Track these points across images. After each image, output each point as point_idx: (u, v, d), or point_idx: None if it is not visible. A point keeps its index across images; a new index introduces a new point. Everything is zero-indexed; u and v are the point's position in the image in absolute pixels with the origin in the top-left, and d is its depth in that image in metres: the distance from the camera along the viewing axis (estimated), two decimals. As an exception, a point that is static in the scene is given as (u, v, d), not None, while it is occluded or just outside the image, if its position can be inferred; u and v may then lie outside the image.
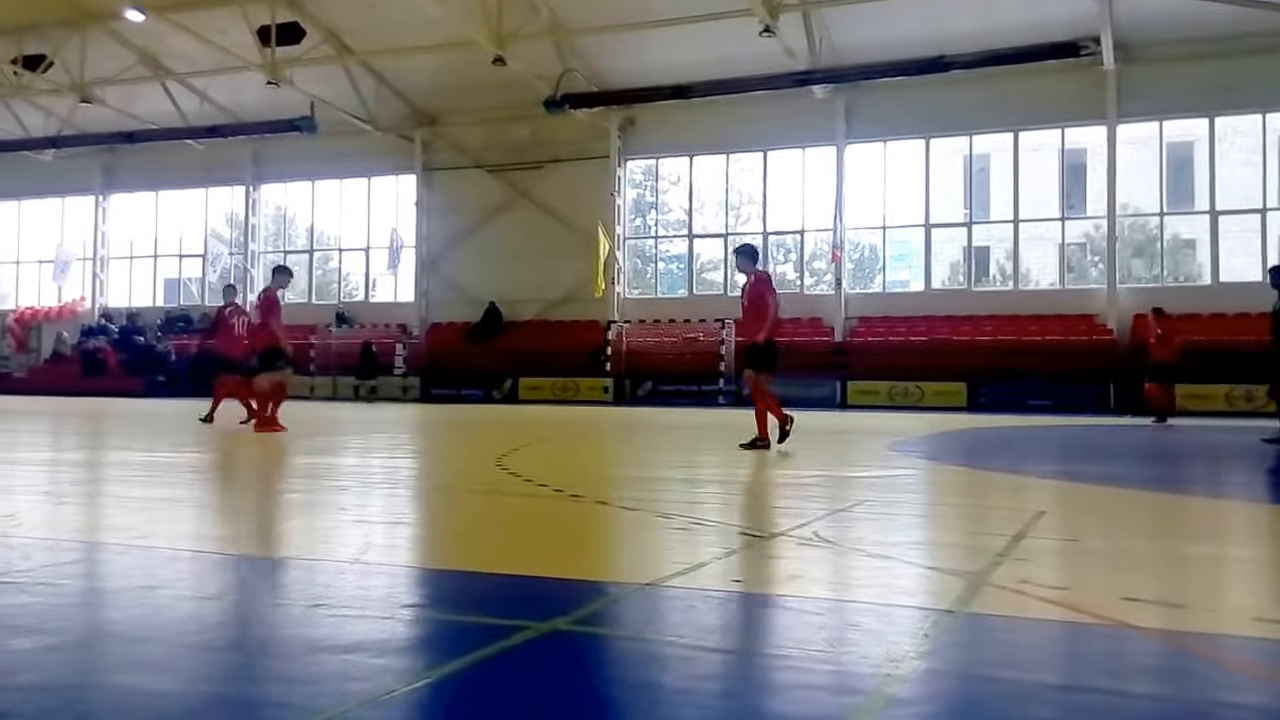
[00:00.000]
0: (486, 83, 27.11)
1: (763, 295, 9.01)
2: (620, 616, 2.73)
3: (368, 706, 1.95)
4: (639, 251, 31.22)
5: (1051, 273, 29.25)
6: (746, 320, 9.35)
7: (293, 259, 35.40)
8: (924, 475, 7.51)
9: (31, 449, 9.59)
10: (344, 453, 9.30)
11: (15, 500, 5.44)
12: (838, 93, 26.72)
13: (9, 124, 34.04)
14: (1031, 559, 3.60)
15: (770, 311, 9.00)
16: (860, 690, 2.05)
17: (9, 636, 2.43)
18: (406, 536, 4.36)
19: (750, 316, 9.18)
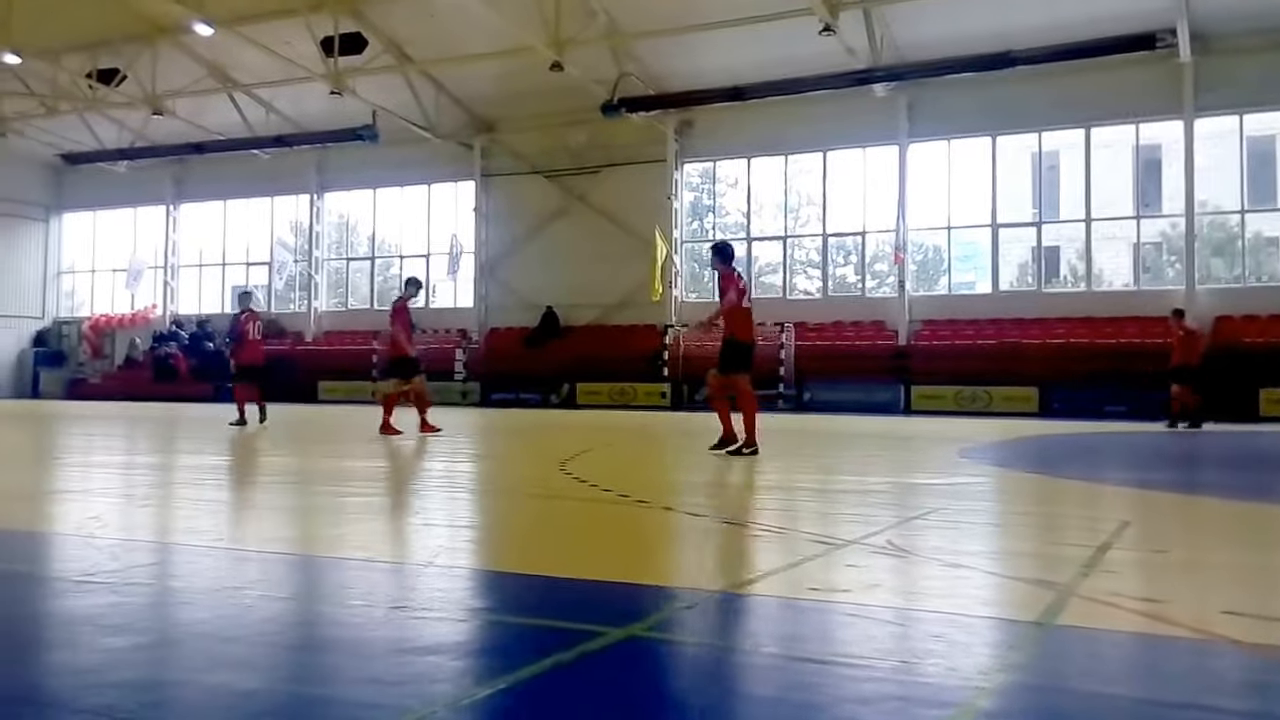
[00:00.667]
0: (544, 89, 27.23)
1: (724, 292, 8.93)
2: (697, 623, 2.70)
3: (453, 709, 1.95)
4: (696, 255, 31.10)
5: (1126, 273, 28.62)
6: None
7: (355, 266, 35.94)
8: (997, 483, 7.37)
9: (108, 453, 9.81)
10: (409, 457, 9.38)
11: (98, 502, 5.55)
12: (900, 90, 26.39)
13: (84, 137, 34.99)
14: (1120, 570, 3.51)
15: (722, 307, 8.93)
16: (950, 703, 2.00)
17: (104, 635, 2.48)
18: (477, 540, 4.38)
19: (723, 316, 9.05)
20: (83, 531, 4.24)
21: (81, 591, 2.97)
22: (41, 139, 35.31)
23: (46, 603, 2.92)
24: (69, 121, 33.99)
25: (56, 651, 2.38)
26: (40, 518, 4.96)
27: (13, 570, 3.46)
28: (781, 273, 29.91)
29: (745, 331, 8.96)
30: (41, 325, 38.97)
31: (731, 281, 8.92)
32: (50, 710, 1.95)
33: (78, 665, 2.23)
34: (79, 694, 2.04)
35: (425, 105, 30.04)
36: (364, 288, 35.61)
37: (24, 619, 2.75)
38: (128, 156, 35.49)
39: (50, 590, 3.10)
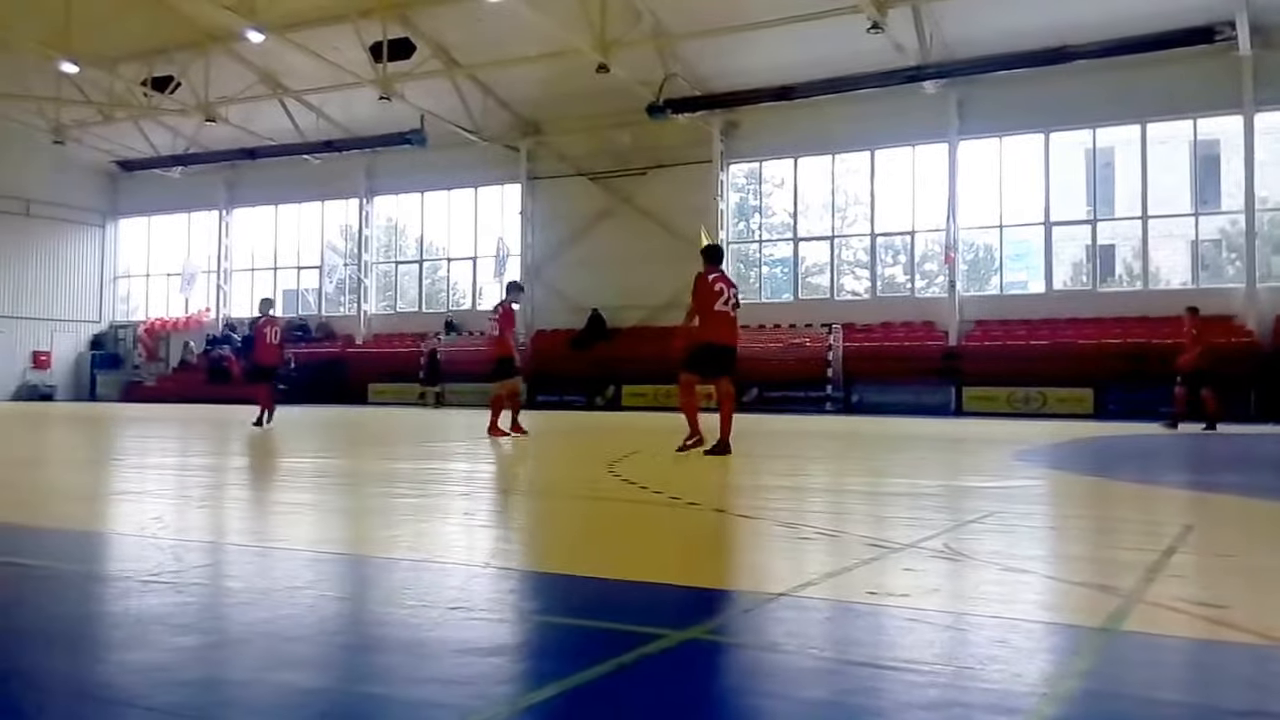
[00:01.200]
0: (589, 91, 27.32)
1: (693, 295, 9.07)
2: (756, 626, 2.69)
3: (517, 710, 1.96)
4: (742, 256, 31.01)
5: (1183, 271, 28.07)
6: None
7: (403, 269, 36.27)
8: (1054, 486, 7.26)
9: (164, 454, 9.98)
10: (458, 458, 9.44)
11: (158, 504, 5.65)
12: (950, 88, 26.12)
13: (139, 143, 35.71)
14: (1184, 575, 3.44)
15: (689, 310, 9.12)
16: (1017, 710, 1.97)
17: (172, 635, 2.52)
18: (531, 542, 4.39)
19: None
20: (145, 532, 4.32)
21: (148, 591, 3.02)
22: (98, 146, 36.12)
23: (115, 602, 2.98)
24: (124, 129, 34.75)
25: (127, 650, 2.42)
26: (103, 518, 5.05)
27: (81, 570, 3.53)
28: (829, 273, 29.74)
29: (718, 334, 9.02)
30: (98, 329, 39.83)
31: (697, 283, 9.08)
32: (122, 708, 1.99)
33: (147, 663, 2.27)
34: (150, 691, 2.07)
35: (472, 109, 30.28)
36: (412, 291, 35.93)
37: (94, 618, 2.80)
38: (181, 162, 36.17)
39: (118, 590, 3.16)
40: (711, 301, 8.97)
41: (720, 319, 9.02)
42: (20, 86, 30.20)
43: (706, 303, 8.97)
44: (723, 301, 9.02)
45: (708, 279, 9.10)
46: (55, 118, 33.71)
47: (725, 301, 9.04)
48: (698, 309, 9.04)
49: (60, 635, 2.57)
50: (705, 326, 9.02)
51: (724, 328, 9.06)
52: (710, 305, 8.97)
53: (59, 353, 38.49)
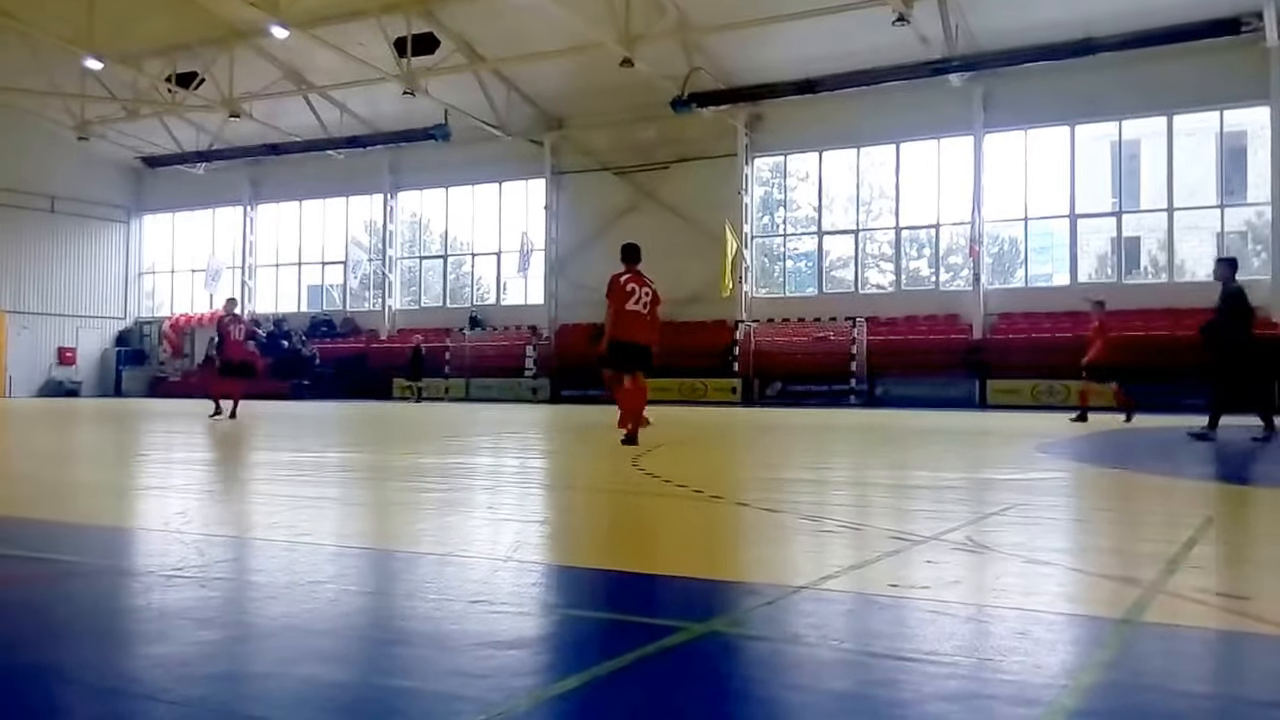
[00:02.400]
0: (613, 85, 27.31)
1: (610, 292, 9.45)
2: (777, 619, 2.69)
3: (538, 702, 1.97)
4: (767, 250, 30.93)
5: (1208, 264, 27.74)
6: None
7: (428, 264, 36.41)
8: (1077, 478, 7.22)
9: (189, 449, 10.07)
10: (482, 452, 9.49)
11: (182, 498, 5.71)
12: (975, 80, 25.95)
13: (164, 139, 35.97)
14: (1206, 567, 3.42)
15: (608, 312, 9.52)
16: (1038, 701, 1.97)
17: (196, 629, 2.55)
18: (553, 535, 4.41)
19: None
20: (170, 527, 4.36)
21: (172, 585, 3.06)
22: (122, 142, 36.41)
23: (140, 596, 3.01)
24: (149, 125, 35.01)
25: (152, 644, 2.45)
26: (129, 513, 5.11)
27: (106, 565, 3.58)
28: (853, 266, 29.63)
29: (630, 332, 9.40)
30: (123, 325, 40.16)
31: (614, 284, 9.48)
32: (148, 701, 2.01)
33: (172, 657, 2.29)
34: (175, 685, 2.10)
35: (496, 104, 30.33)
36: (436, 286, 36.07)
37: (119, 612, 2.84)
38: (206, 158, 36.40)
39: (143, 584, 3.19)
40: (624, 301, 9.37)
41: (632, 317, 9.39)
42: (45, 83, 30.44)
43: (619, 302, 9.38)
44: (634, 301, 9.39)
45: (620, 279, 9.52)
46: (80, 114, 33.95)
47: (637, 301, 9.40)
48: (612, 308, 9.42)
49: (86, 629, 2.60)
50: (618, 325, 9.41)
51: (636, 326, 9.43)
52: (623, 304, 9.37)
53: (84, 349, 38.84)
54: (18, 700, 2.02)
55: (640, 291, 9.44)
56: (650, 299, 9.51)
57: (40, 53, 28.90)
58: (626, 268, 9.64)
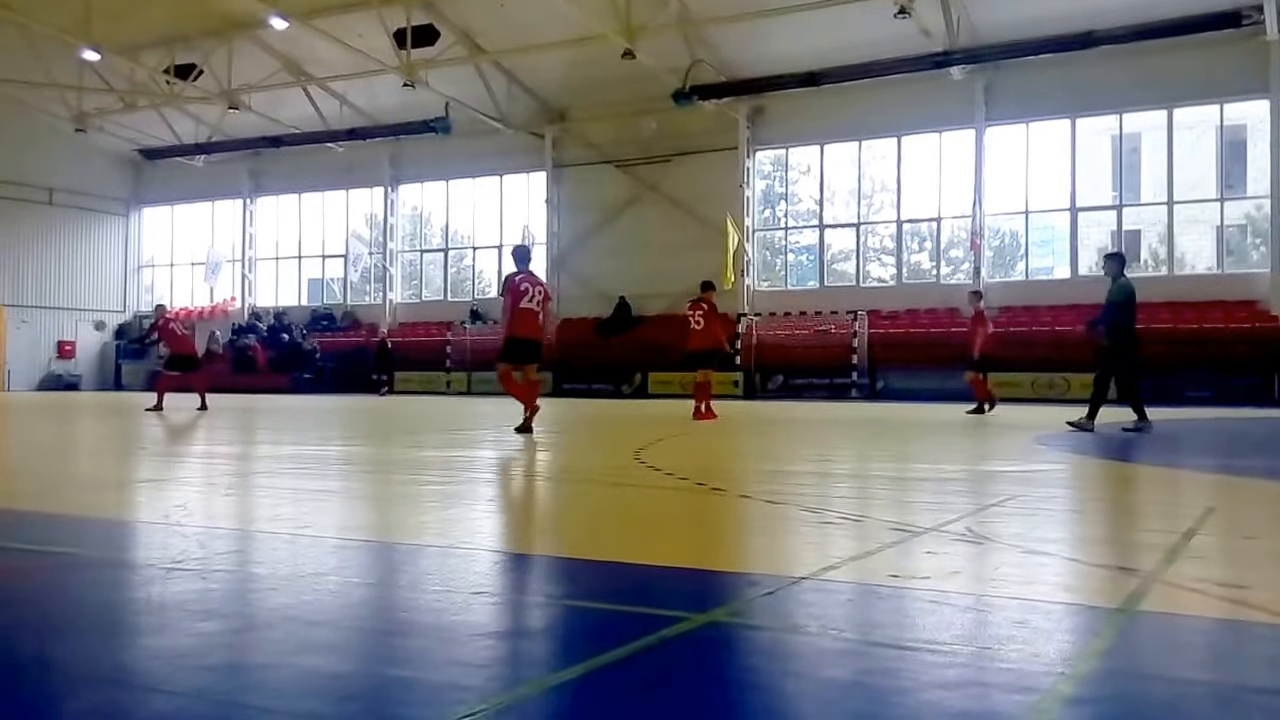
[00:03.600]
0: (615, 77, 27.28)
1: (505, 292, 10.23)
2: (777, 609, 2.70)
3: (540, 692, 1.98)
4: (768, 243, 30.92)
5: (1208, 257, 27.83)
6: None
7: (429, 258, 36.41)
8: (1077, 470, 7.23)
9: (189, 443, 10.08)
10: (485, 445, 9.50)
11: (182, 491, 5.72)
12: (977, 73, 25.93)
13: (163, 132, 35.88)
14: (1207, 556, 3.43)
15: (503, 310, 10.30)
16: (1035, 689, 1.98)
17: (196, 620, 2.56)
18: (556, 527, 4.42)
19: None
20: (169, 519, 4.36)
21: (171, 578, 3.06)
22: (121, 134, 36.32)
23: (139, 589, 3.02)
24: (147, 117, 34.92)
25: (151, 636, 2.46)
26: (129, 506, 5.12)
27: (106, 557, 3.59)
28: (854, 260, 29.62)
29: (523, 329, 10.12)
30: (123, 318, 40.10)
31: (510, 285, 10.20)
32: (148, 692, 2.02)
33: (172, 649, 2.30)
34: (174, 676, 2.10)
35: (497, 96, 30.29)
36: (437, 279, 36.07)
37: (119, 604, 2.85)
38: (205, 151, 36.35)
39: (142, 576, 3.20)
40: (519, 300, 10.08)
41: (525, 315, 10.10)
42: (43, 74, 30.34)
43: (515, 301, 10.10)
44: (528, 299, 10.09)
45: (515, 280, 10.24)
46: (78, 106, 33.89)
47: (530, 299, 10.11)
48: (508, 307, 10.16)
49: (86, 622, 2.61)
50: (513, 322, 10.12)
51: (528, 323, 10.15)
52: (518, 303, 10.08)
53: (83, 343, 38.83)
54: (19, 692, 2.03)
55: (534, 290, 10.15)
56: (542, 297, 10.24)
57: (37, 44, 28.84)
58: (519, 269, 10.40)
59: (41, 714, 1.93)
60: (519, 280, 10.19)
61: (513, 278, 10.28)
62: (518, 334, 10.12)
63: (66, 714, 1.94)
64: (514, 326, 10.12)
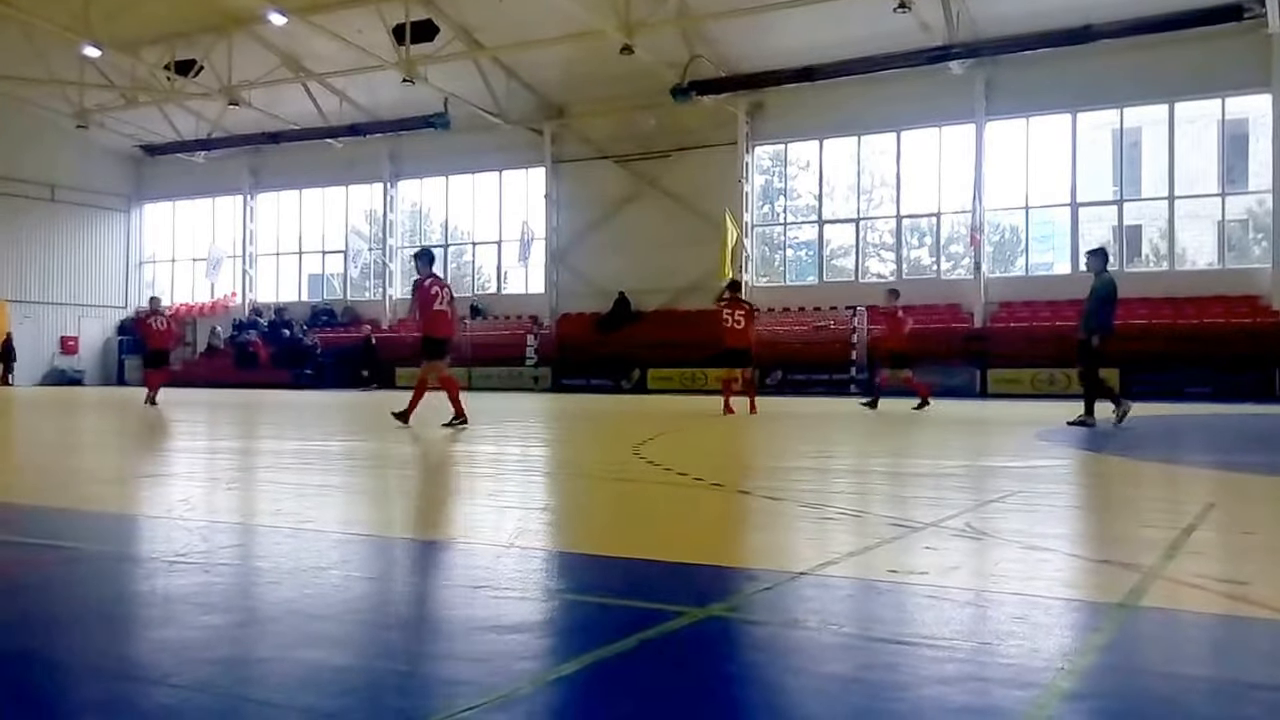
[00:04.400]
0: (614, 73, 27.22)
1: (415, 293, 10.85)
2: (777, 604, 2.71)
3: (540, 686, 1.99)
4: (767, 239, 30.88)
5: (1209, 252, 27.78)
6: None
7: (429, 252, 36.30)
8: (1077, 466, 7.24)
9: (191, 438, 10.10)
10: (484, 441, 9.51)
11: (185, 486, 5.73)
12: (977, 68, 25.86)
13: (163, 128, 35.85)
14: (1206, 552, 3.44)
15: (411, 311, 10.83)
16: (1035, 684, 1.99)
17: (200, 614, 2.57)
18: (555, 522, 4.43)
19: None
20: (173, 514, 4.38)
21: (175, 571, 3.08)
22: (122, 131, 36.29)
23: (144, 582, 3.04)
24: (148, 113, 34.90)
25: (156, 628, 2.47)
26: (133, 500, 5.13)
27: (110, 551, 3.60)
28: (854, 256, 29.59)
29: (438, 328, 10.78)
30: (125, 314, 40.09)
31: (420, 288, 10.82)
32: (153, 684, 2.03)
33: (176, 641, 2.32)
34: (179, 668, 2.12)
35: (496, 91, 30.24)
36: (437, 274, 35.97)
37: (124, 598, 2.86)
38: (205, 147, 36.32)
39: (146, 570, 3.22)
40: (431, 302, 10.74)
41: (439, 316, 10.78)
42: (44, 71, 30.27)
43: (427, 304, 10.76)
44: (439, 302, 10.75)
45: (424, 284, 10.87)
46: (79, 102, 33.86)
47: (441, 301, 10.77)
48: (421, 309, 10.86)
49: (91, 615, 2.62)
50: (429, 323, 10.77)
51: (442, 322, 10.85)
52: (431, 305, 10.74)
53: (86, 338, 38.84)
54: (25, 683, 2.04)
55: (442, 293, 10.83)
56: (450, 298, 10.96)
57: (38, 41, 28.81)
58: (427, 273, 10.99)
59: (49, 705, 1.94)
60: (429, 284, 10.85)
61: (421, 281, 10.95)
62: (435, 333, 10.81)
63: (73, 705, 1.95)
64: (431, 326, 10.78)
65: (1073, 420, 11.07)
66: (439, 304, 10.75)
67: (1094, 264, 11.78)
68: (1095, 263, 11.76)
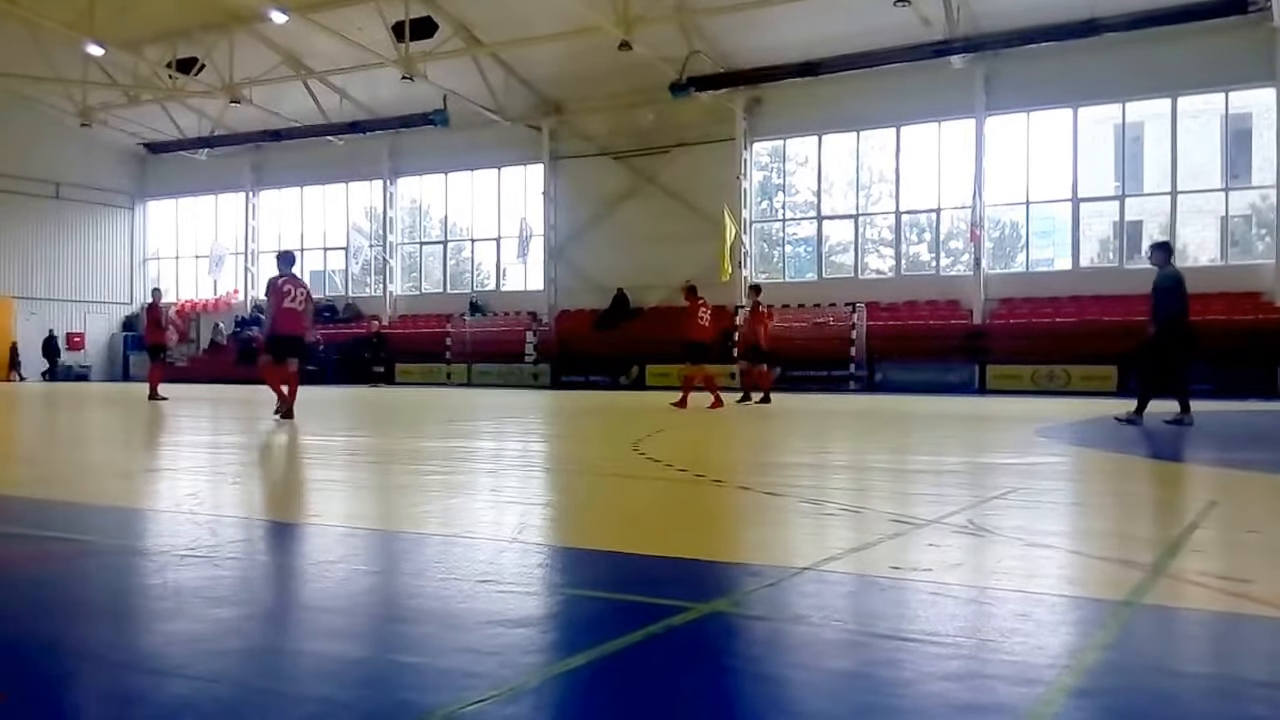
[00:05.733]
0: (612, 69, 27.23)
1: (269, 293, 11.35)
2: (779, 600, 2.73)
3: (547, 679, 2.00)
4: (766, 235, 30.87)
5: (1212, 248, 27.77)
6: None
7: (427, 250, 36.37)
8: (1078, 462, 7.25)
9: (196, 433, 10.12)
10: (486, 436, 9.53)
11: (193, 480, 5.75)
12: (977, 62, 25.83)
13: (166, 126, 35.91)
14: (1209, 550, 3.45)
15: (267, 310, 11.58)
16: (1039, 681, 2.00)
17: (209, 607, 2.59)
18: (558, 517, 4.44)
19: None
20: (182, 508, 4.40)
21: (185, 565, 3.09)
22: (125, 128, 36.37)
23: (154, 576, 3.05)
24: (150, 111, 34.97)
25: (167, 621, 2.49)
26: (141, 494, 5.15)
27: (121, 544, 3.62)
28: (853, 252, 29.57)
29: (286, 326, 11.25)
30: (129, 310, 40.15)
31: (273, 287, 11.29)
32: (163, 676, 2.04)
33: (187, 634, 2.33)
34: (190, 661, 2.13)
35: (494, 88, 30.24)
36: (437, 272, 36.04)
37: (134, 591, 2.88)
38: (208, 144, 36.36)
39: (156, 564, 3.23)
40: (281, 300, 11.17)
41: (288, 314, 11.19)
42: (47, 69, 30.35)
43: (278, 301, 11.19)
44: (290, 300, 11.16)
45: (278, 282, 11.31)
46: (82, 100, 33.95)
47: (293, 299, 11.18)
48: (272, 306, 11.30)
49: (102, 607, 2.64)
50: (277, 320, 11.25)
51: (290, 321, 11.25)
52: (281, 303, 11.16)
53: (92, 334, 38.96)
54: (38, 675, 2.05)
55: (296, 291, 11.25)
56: (304, 297, 11.37)
57: (41, 39, 28.85)
58: (282, 272, 11.46)
59: (61, 697, 1.96)
60: (282, 282, 11.28)
61: (275, 280, 11.36)
62: (281, 331, 11.24)
63: (85, 697, 1.97)
64: (278, 324, 11.24)
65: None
66: (290, 301, 11.14)
67: (1158, 258, 11.57)
68: (1159, 256, 11.56)
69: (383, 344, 31.85)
